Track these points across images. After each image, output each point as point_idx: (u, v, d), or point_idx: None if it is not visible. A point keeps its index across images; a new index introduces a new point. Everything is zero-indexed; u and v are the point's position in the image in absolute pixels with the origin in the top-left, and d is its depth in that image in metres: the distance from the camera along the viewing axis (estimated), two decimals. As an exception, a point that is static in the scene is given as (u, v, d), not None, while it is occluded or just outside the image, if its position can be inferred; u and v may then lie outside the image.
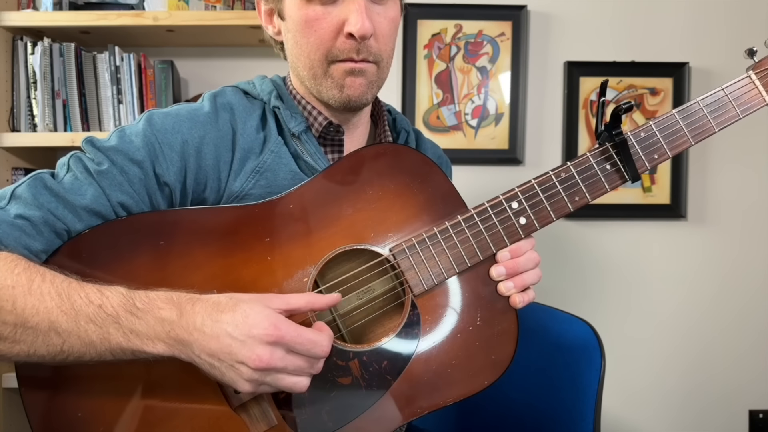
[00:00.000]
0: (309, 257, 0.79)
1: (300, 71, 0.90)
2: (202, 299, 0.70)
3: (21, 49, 1.62)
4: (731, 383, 1.88)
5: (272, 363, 0.67)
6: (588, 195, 0.87)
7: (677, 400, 1.88)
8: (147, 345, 0.69)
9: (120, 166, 0.79)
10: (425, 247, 0.82)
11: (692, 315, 1.87)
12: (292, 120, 0.90)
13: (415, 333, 0.81)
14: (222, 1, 1.67)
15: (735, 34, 1.84)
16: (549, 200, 0.86)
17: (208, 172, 0.84)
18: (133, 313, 0.68)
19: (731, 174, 1.87)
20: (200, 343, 0.68)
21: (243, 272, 0.78)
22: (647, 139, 0.88)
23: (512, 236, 0.85)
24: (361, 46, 0.83)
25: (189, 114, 0.86)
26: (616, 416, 1.87)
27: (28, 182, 0.77)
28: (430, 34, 1.81)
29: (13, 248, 0.71)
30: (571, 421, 1.13)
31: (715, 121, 0.90)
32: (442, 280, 0.82)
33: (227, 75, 1.81)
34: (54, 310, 0.68)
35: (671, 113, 0.89)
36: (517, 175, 1.84)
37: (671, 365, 1.88)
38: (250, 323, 0.67)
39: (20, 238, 0.72)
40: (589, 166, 0.88)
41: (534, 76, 1.84)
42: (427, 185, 0.84)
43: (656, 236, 1.86)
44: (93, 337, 0.68)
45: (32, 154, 1.73)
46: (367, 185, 0.82)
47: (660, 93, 1.83)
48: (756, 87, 0.90)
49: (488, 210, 0.84)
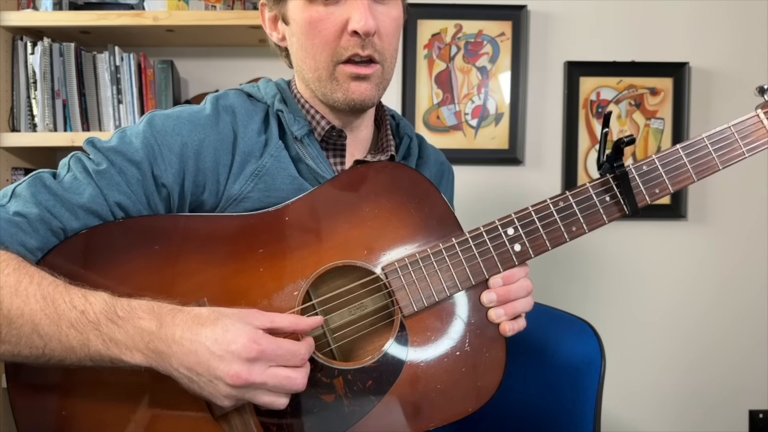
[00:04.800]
0: (301, 271, 0.79)
1: (305, 74, 0.90)
2: (183, 311, 0.70)
3: (21, 49, 1.62)
4: (731, 383, 1.87)
5: (250, 379, 0.67)
6: (585, 226, 0.86)
7: (677, 400, 1.88)
8: (125, 354, 0.68)
9: (118, 167, 0.80)
10: (418, 268, 0.81)
11: (692, 315, 1.87)
12: (295, 123, 0.90)
13: (402, 355, 0.80)
14: (222, 1, 1.67)
15: (735, 34, 1.84)
16: (545, 229, 0.85)
17: (207, 174, 0.85)
18: (113, 321, 0.68)
19: (731, 174, 1.86)
20: (179, 357, 0.68)
21: (235, 282, 0.78)
22: (649, 173, 0.87)
23: (506, 263, 0.84)
24: (366, 42, 0.84)
25: (190, 116, 0.86)
26: (616, 416, 1.87)
27: (29, 181, 0.78)
28: (430, 34, 1.81)
29: (9, 244, 0.72)
30: (571, 421, 1.13)
31: (720, 159, 0.88)
32: (433, 302, 0.81)
33: (227, 75, 1.81)
34: (38, 313, 0.68)
35: (676, 148, 0.88)
36: (517, 175, 1.84)
37: (671, 365, 1.88)
38: (229, 339, 0.67)
39: (16, 234, 0.73)
40: (589, 197, 0.86)
41: (534, 76, 1.84)
42: (423, 206, 0.84)
43: (656, 236, 1.86)
44: (73, 342, 0.68)
45: (32, 154, 1.73)
46: (364, 202, 0.82)
47: (660, 93, 1.83)
48: (764, 125, 0.89)
49: (483, 234, 0.84)
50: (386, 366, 0.79)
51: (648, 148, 1.84)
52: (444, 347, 0.81)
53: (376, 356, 0.79)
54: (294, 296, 0.78)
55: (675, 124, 1.83)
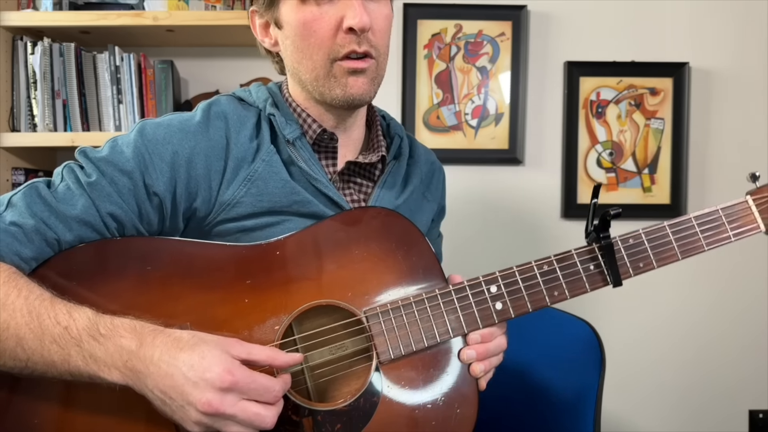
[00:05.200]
0: (285, 306, 0.80)
1: (302, 75, 0.91)
2: (164, 333, 0.71)
3: (21, 49, 1.62)
4: (731, 383, 1.87)
5: (221, 409, 0.67)
6: (567, 292, 0.87)
7: (677, 400, 1.88)
8: (103, 371, 0.69)
9: (110, 177, 0.81)
10: (399, 315, 0.82)
11: (692, 315, 1.87)
12: (287, 127, 0.91)
13: (374, 401, 0.79)
14: (222, 1, 1.67)
15: (735, 34, 1.84)
16: (528, 290, 0.85)
17: (199, 181, 0.85)
18: (95, 338, 0.69)
19: (731, 174, 1.87)
20: (154, 378, 0.68)
21: (219, 310, 0.78)
22: (635, 246, 0.88)
23: (486, 320, 0.84)
24: (362, 38, 0.85)
25: (180, 124, 0.87)
26: (616, 416, 1.87)
27: (24, 191, 0.79)
28: (430, 34, 1.81)
29: (4, 254, 0.73)
30: (571, 421, 1.13)
31: (706, 240, 0.90)
32: (410, 351, 0.81)
33: (227, 75, 1.81)
34: (23, 327, 0.69)
35: (663, 225, 0.89)
36: (517, 175, 1.85)
37: (671, 365, 1.88)
38: (205, 366, 0.67)
39: (12, 244, 0.74)
40: (573, 263, 0.87)
41: (534, 76, 1.84)
42: (411, 254, 0.85)
43: (656, 236, 1.86)
44: (54, 357, 0.69)
45: (32, 154, 1.73)
46: (354, 245, 0.83)
47: (660, 93, 1.83)
48: (752, 212, 0.91)
49: (466, 289, 0.84)
50: (357, 411, 0.79)
51: (648, 147, 1.84)
52: (417, 398, 0.81)
53: (349, 400, 0.79)
54: (275, 330, 0.79)
55: (675, 124, 1.83)
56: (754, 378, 1.88)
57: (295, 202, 0.88)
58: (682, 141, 1.83)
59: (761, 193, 0.91)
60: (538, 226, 1.84)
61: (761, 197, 0.91)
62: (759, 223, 0.90)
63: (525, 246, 1.84)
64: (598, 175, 1.84)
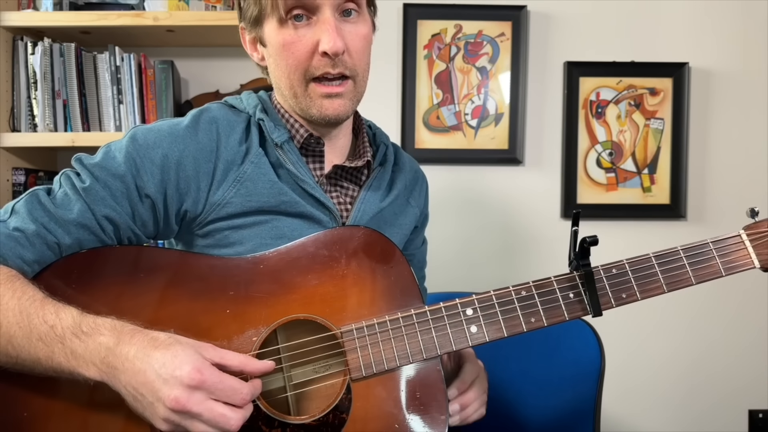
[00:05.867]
0: (264, 318, 0.82)
1: (283, 91, 0.95)
2: (142, 332, 0.74)
3: (21, 49, 1.62)
4: (731, 383, 1.88)
5: (188, 406, 0.69)
6: (545, 319, 0.85)
7: (677, 400, 1.88)
8: (82, 367, 0.72)
9: (103, 182, 0.85)
10: (373, 333, 0.82)
11: (692, 315, 1.87)
12: (276, 131, 0.94)
13: (342, 417, 0.80)
14: (222, 2, 1.68)
15: (735, 34, 1.84)
16: (504, 315, 0.85)
17: (189, 183, 0.89)
18: (77, 335, 0.73)
19: (731, 174, 1.87)
20: (128, 374, 0.71)
21: (201, 318, 0.81)
22: (618, 276, 0.87)
23: (460, 342, 0.84)
24: (336, 61, 0.89)
25: (170, 129, 0.91)
26: (616, 416, 1.87)
27: (26, 198, 0.84)
28: (430, 34, 1.81)
29: (8, 257, 0.78)
30: (571, 421, 1.13)
31: (695, 274, 0.87)
32: (382, 370, 0.82)
33: (227, 75, 1.81)
34: (14, 325, 0.74)
35: (648, 256, 0.87)
36: (517, 175, 1.85)
37: (671, 365, 1.88)
38: (176, 364, 0.70)
39: (15, 248, 0.79)
40: (552, 290, 0.86)
41: (534, 76, 1.84)
42: (390, 274, 0.86)
43: (656, 236, 1.86)
44: (40, 354, 0.73)
45: (32, 154, 1.73)
46: (336, 262, 0.85)
47: (660, 93, 1.83)
48: (746, 247, 0.88)
49: (442, 310, 0.84)
50: (326, 427, 0.80)
51: (647, 148, 1.84)
52: (385, 419, 0.81)
53: (318, 415, 0.80)
54: (252, 341, 0.81)
55: (675, 124, 1.83)
56: (754, 378, 1.88)
57: (282, 202, 0.91)
58: (682, 141, 1.83)
59: (757, 228, 0.88)
60: (538, 226, 1.84)
61: (757, 232, 0.87)
62: (753, 259, 0.87)
63: (525, 246, 1.84)
64: (597, 175, 1.84)
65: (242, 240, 0.90)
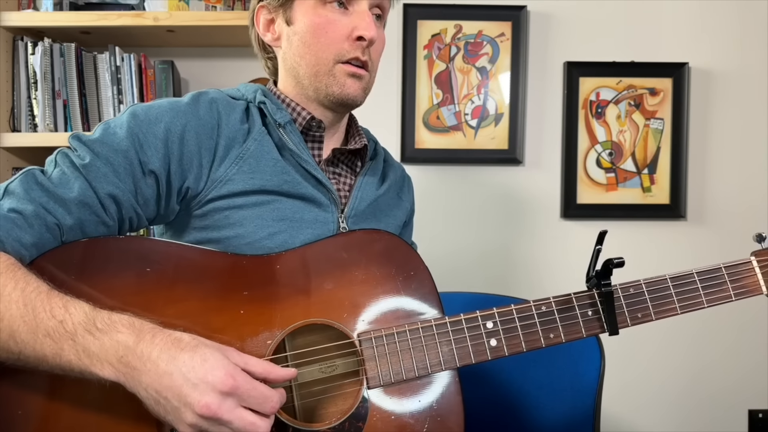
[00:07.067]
0: (279, 321, 0.79)
1: (300, 70, 0.96)
2: (164, 332, 0.70)
3: (21, 49, 1.62)
4: (731, 383, 1.88)
5: (219, 413, 0.66)
6: (563, 335, 0.86)
7: (677, 400, 1.88)
8: (95, 366, 0.68)
9: (104, 158, 0.81)
10: (392, 342, 0.81)
11: (692, 315, 1.86)
12: (278, 112, 0.94)
13: (358, 426, 0.78)
14: (222, 2, 1.68)
15: (735, 34, 1.84)
16: (524, 330, 0.85)
17: (191, 158, 0.86)
18: (90, 332, 0.68)
19: (731, 174, 1.87)
20: (151, 376, 0.67)
21: (213, 318, 0.78)
22: (635, 296, 0.88)
23: (479, 355, 0.83)
24: (366, 50, 0.94)
25: (170, 105, 0.89)
26: (616, 416, 1.87)
27: (20, 178, 0.78)
28: (430, 35, 1.81)
29: (5, 240, 0.72)
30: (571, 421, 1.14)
31: (707, 297, 0.89)
32: (400, 380, 0.80)
33: (227, 75, 1.82)
34: (17, 319, 0.68)
35: (665, 277, 0.89)
36: (517, 175, 1.85)
37: (671, 365, 1.88)
38: (207, 368, 0.67)
39: (12, 230, 0.73)
40: (572, 307, 0.87)
41: (534, 77, 1.84)
42: (411, 281, 0.84)
43: (656, 236, 1.86)
44: (47, 351, 0.68)
45: (32, 154, 1.73)
46: (355, 266, 0.83)
47: (660, 93, 1.83)
48: (756, 274, 0.90)
49: (463, 322, 0.84)
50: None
51: (647, 148, 1.84)
52: (401, 429, 0.79)
53: (334, 423, 0.78)
54: (267, 344, 0.78)
55: (674, 124, 1.83)
56: (754, 378, 1.88)
57: (285, 182, 0.90)
58: (682, 141, 1.83)
59: (765, 255, 0.91)
60: (538, 226, 1.84)
61: (765, 259, 0.90)
62: (761, 285, 0.89)
63: (524, 246, 1.84)
64: (597, 175, 1.84)
65: (242, 221, 0.87)
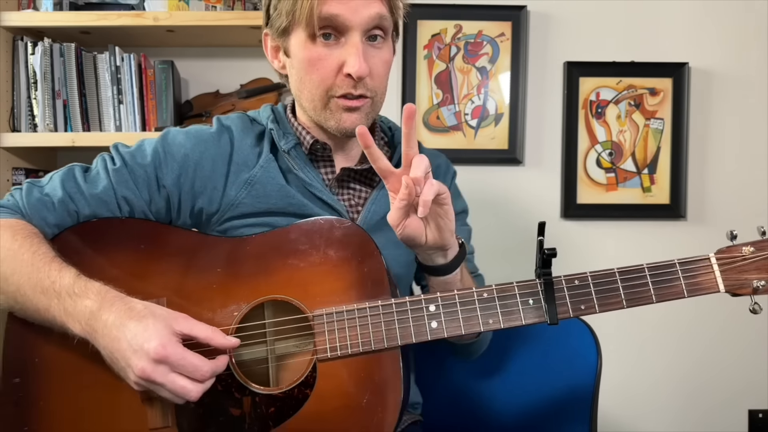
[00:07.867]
0: (245, 296, 0.90)
1: (303, 102, 1.01)
2: (123, 300, 0.82)
3: (21, 49, 1.62)
4: (731, 383, 1.87)
5: (152, 377, 0.77)
6: (501, 321, 0.88)
7: (677, 400, 1.88)
8: (70, 323, 0.82)
9: (131, 167, 0.98)
10: (341, 319, 0.88)
11: (692, 315, 1.87)
12: (283, 138, 1.02)
13: (306, 393, 0.87)
14: (222, 2, 1.68)
15: (735, 34, 1.84)
16: (464, 314, 0.88)
17: (204, 183, 0.99)
18: (70, 295, 0.82)
19: (731, 174, 1.87)
20: (106, 339, 0.80)
21: (191, 291, 0.90)
22: (579, 288, 0.88)
23: (420, 336, 0.88)
24: (358, 83, 0.94)
25: (197, 133, 1.02)
26: (616, 416, 1.87)
27: (64, 170, 0.97)
28: (430, 35, 1.81)
29: (33, 217, 0.92)
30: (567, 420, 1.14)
31: (657, 293, 0.88)
32: (346, 354, 0.87)
33: (227, 75, 1.82)
34: (24, 276, 0.85)
35: (612, 270, 0.88)
36: (517, 175, 1.85)
37: (671, 365, 1.88)
38: (145, 337, 0.78)
39: (41, 210, 0.92)
40: (512, 295, 0.89)
41: (534, 77, 1.84)
42: (363, 266, 0.91)
43: (656, 236, 1.86)
44: (39, 305, 0.84)
45: (32, 154, 1.74)
46: (315, 250, 0.91)
47: (659, 93, 1.83)
48: (713, 272, 0.87)
49: (407, 304, 0.88)
50: (290, 400, 0.87)
51: (647, 148, 1.84)
52: (344, 397, 0.87)
53: (285, 388, 0.87)
54: (233, 316, 0.89)
55: (674, 124, 1.83)
56: (754, 378, 1.88)
57: (290, 204, 0.99)
58: (682, 141, 1.83)
59: (729, 253, 0.88)
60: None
61: (729, 257, 0.87)
62: (718, 284, 0.87)
63: (524, 246, 1.84)
64: (597, 175, 1.84)
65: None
